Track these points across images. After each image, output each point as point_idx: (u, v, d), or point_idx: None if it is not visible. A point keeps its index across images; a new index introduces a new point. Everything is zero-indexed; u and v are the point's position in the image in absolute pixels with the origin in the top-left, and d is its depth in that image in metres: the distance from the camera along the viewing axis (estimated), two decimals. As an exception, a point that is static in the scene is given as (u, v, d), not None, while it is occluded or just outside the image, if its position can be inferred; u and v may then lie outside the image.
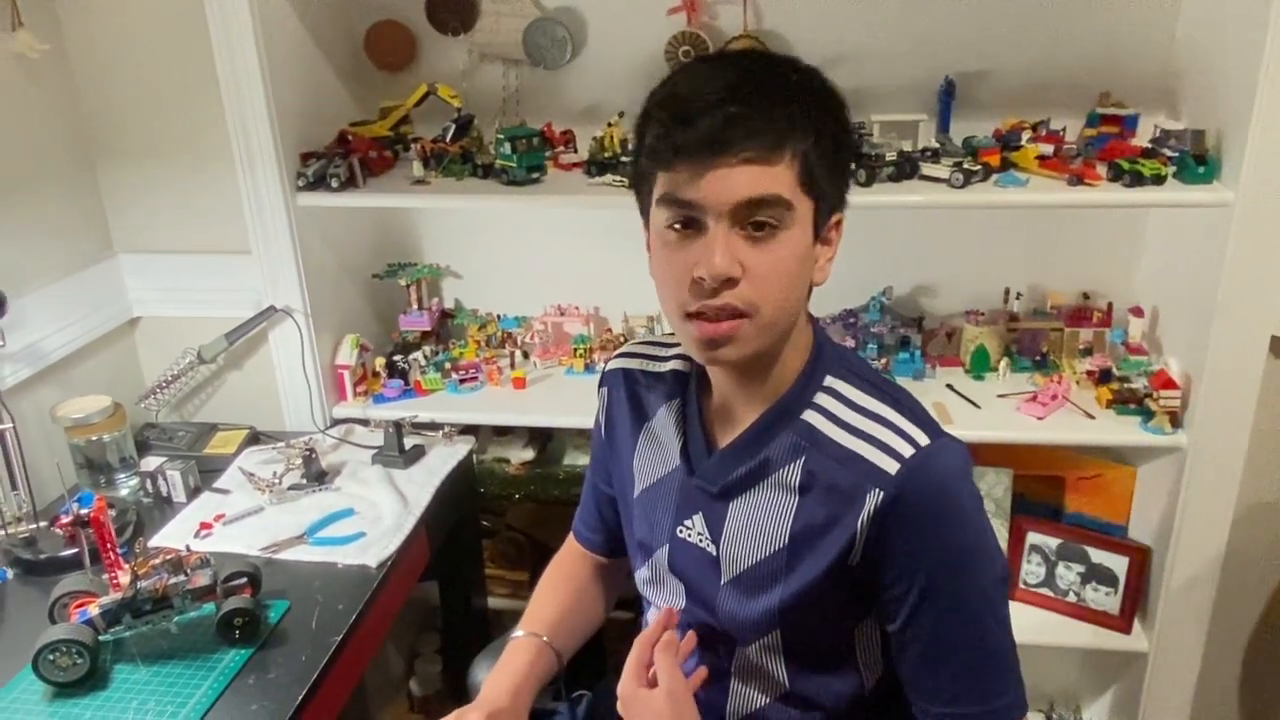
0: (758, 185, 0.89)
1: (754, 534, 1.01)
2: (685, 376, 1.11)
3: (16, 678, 1.25)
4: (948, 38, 1.78)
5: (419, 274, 2.06)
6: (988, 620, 0.97)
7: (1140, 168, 1.56)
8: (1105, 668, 2.03)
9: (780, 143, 0.89)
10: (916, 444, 0.95)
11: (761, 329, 0.93)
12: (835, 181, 0.95)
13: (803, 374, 1.01)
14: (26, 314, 1.62)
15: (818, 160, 0.91)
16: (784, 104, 0.90)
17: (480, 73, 1.95)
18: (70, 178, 1.78)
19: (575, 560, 1.33)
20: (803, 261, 0.94)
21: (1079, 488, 1.92)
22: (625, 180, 1.69)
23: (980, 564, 0.96)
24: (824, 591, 0.98)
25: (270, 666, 1.26)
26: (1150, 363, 1.78)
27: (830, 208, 0.96)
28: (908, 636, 0.98)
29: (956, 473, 0.95)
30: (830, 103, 0.95)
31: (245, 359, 1.93)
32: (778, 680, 1.05)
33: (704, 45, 1.81)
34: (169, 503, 1.66)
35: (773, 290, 0.92)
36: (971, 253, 1.92)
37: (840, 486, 0.96)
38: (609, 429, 1.20)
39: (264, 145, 1.70)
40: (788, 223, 0.91)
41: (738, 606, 1.03)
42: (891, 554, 0.94)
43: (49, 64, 1.69)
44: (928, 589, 0.94)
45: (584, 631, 1.26)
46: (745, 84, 0.90)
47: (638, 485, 1.14)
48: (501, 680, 1.12)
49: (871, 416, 0.98)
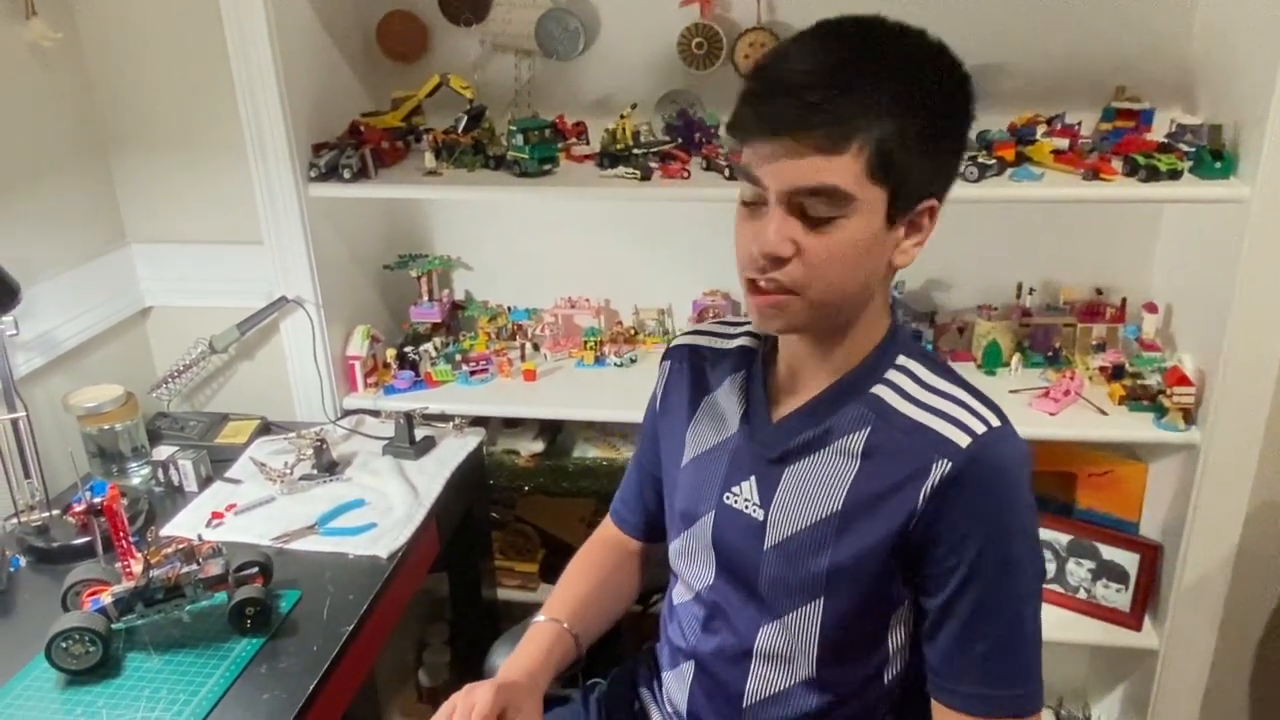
0: (815, 176, 0.89)
1: (807, 499, 1.02)
2: (752, 352, 1.13)
3: (29, 665, 1.25)
4: (962, 30, 1.75)
5: (430, 265, 2.05)
6: (1025, 610, 0.98)
7: (1156, 162, 1.55)
8: (1115, 665, 2.02)
9: (848, 133, 0.88)
10: (988, 423, 0.97)
11: (810, 306, 0.95)
12: (924, 169, 0.93)
13: (875, 351, 1.03)
14: (39, 303, 1.63)
15: (901, 147, 0.90)
16: (865, 89, 0.88)
17: (492, 64, 1.94)
18: (83, 167, 1.79)
19: (604, 548, 1.34)
20: (866, 248, 0.94)
21: (1090, 484, 1.92)
22: (638, 172, 1.69)
23: (1028, 555, 0.98)
24: (876, 561, 0.99)
25: (282, 656, 1.26)
26: (1164, 359, 1.77)
27: (917, 194, 0.95)
28: (948, 613, 0.98)
29: (1020, 460, 0.97)
30: (930, 86, 0.92)
31: (256, 349, 1.93)
32: (804, 662, 1.05)
33: (717, 38, 1.80)
34: (180, 492, 1.66)
35: (824, 273, 0.93)
36: (984, 247, 1.91)
37: (905, 456, 0.97)
38: (663, 401, 1.22)
39: (276, 136, 1.70)
40: (848, 212, 0.91)
41: (785, 570, 1.03)
42: (950, 526, 0.95)
43: (62, 53, 1.70)
44: (977, 565, 0.95)
45: (606, 620, 1.28)
46: (825, 66, 0.89)
47: (688, 454, 1.15)
48: (519, 661, 1.14)
49: (943, 395, 1.00)
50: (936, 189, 0.97)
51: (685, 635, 1.16)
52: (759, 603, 1.07)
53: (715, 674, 1.12)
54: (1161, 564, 1.81)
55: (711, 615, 1.13)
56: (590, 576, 1.29)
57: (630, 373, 1.97)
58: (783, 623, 1.05)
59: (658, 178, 1.70)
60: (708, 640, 1.13)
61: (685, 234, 2.00)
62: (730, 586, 1.09)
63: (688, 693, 1.15)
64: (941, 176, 0.97)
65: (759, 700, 1.08)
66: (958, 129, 0.96)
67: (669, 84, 1.89)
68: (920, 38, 0.94)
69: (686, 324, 2.07)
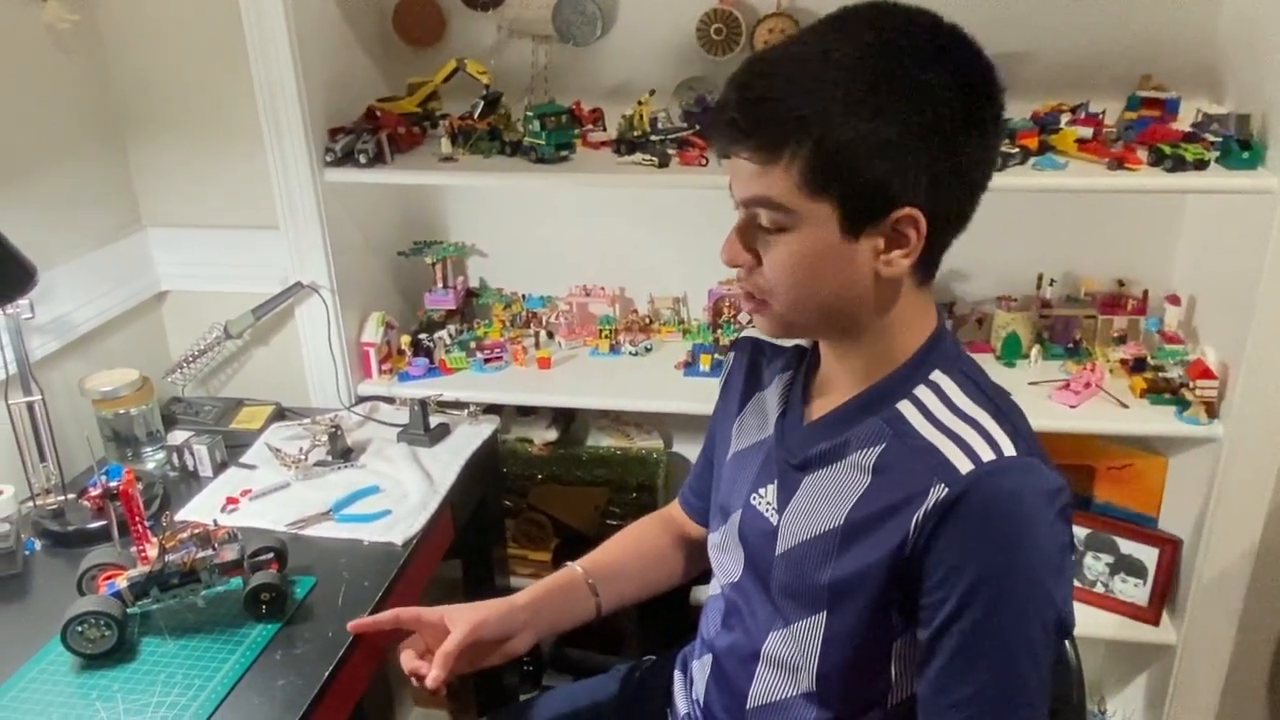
0: (751, 186, 0.91)
1: (816, 510, 1.00)
2: (804, 352, 1.12)
3: (45, 648, 1.25)
4: (985, 17, 1.74)
5: (444, 252, 2.05)
6: (1020, 661, 0.90)
7: (1182, 152, 1.53)
8: (1132, 659, 2.01)
9: (778, 144, 0.87)
10: (1000, 452, 0.90)
11: (779, 315, 0.97)
12: (889, 174, 0.87)
13: (909, 363, 0.99)
14: (55, 286, 1.62)
15: (837, 156, 0.86)
16: (791, 101, 0.85)
17: (509, 49, 1.93)
18: (99, 150, 1.78)
19: (660, 523, 1.36)
20: (819, 261, 0.92)
21: (1109, 477, 1.90)
22: (655, 159, 1.67)
23: (1033, 602, 0.89)
24: (874, 583, 0.94)
25: (297, 642, 1.26)
26: (1186, 352, 1.75)
27: (879, 204, 0.88)
28: (933, 649, 0.92)
29: (1033, 497, 0.89)
30: (906, 86, 0.85)
31: (271, 335, 1.93)
32: (806, 674, 1.02)
33: (736, 24, 1.78)
34: (195, 477, 1.66)
35: (780, 283, 0.94)
36: (1004, 237, 1.88)
37: (909, 478, 0.92)
38: (724, 392, 1.22)
39: (292, 120, 1.69)
40: (793, 224, 0.91)
41: (792, 578, 1.02)
42: (941, 555, 0.90)
43: (79, 35, 1.69)
44: (966, 601, 0.89)
45: (637, 588, 1.29)
46: (763, 75, 0.89)
47: (733, 448, 1.15)
48: (513, 595, 1.19)
49: (964, 418, 0.94)
50: (911, 197, 0.88)
51: (709, 628, 1.16)
52: (771, 607, 1.06)
53: (727, 671, 1.11)
54: (1181, 559, 1.80)
55: (730, 612, 1.12)
56: (632, 543, 1.32)
57: (645, 361, 1.96)
58: (790, 631, 1.03)
59: (675, 165, 1.69)
60: (724, 636, 1.13)
61: (701, 222, 1.98)
62: (752, 586, 1.09)
63: (705, 685, 1.15)
64: (918, 183, 0.88)
65: (761, 705, 1.07)
66: (941, 130, 0.87)
67: (687, 70, 1.87)
68: (926, 29, 0.88)
69: (702, 314, 2.06)
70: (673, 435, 2.16)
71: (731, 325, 1.98)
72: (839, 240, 0.91)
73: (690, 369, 1.89)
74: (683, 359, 1.92)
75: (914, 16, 0.90)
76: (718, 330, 1.99)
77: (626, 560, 1.29)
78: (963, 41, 0.91)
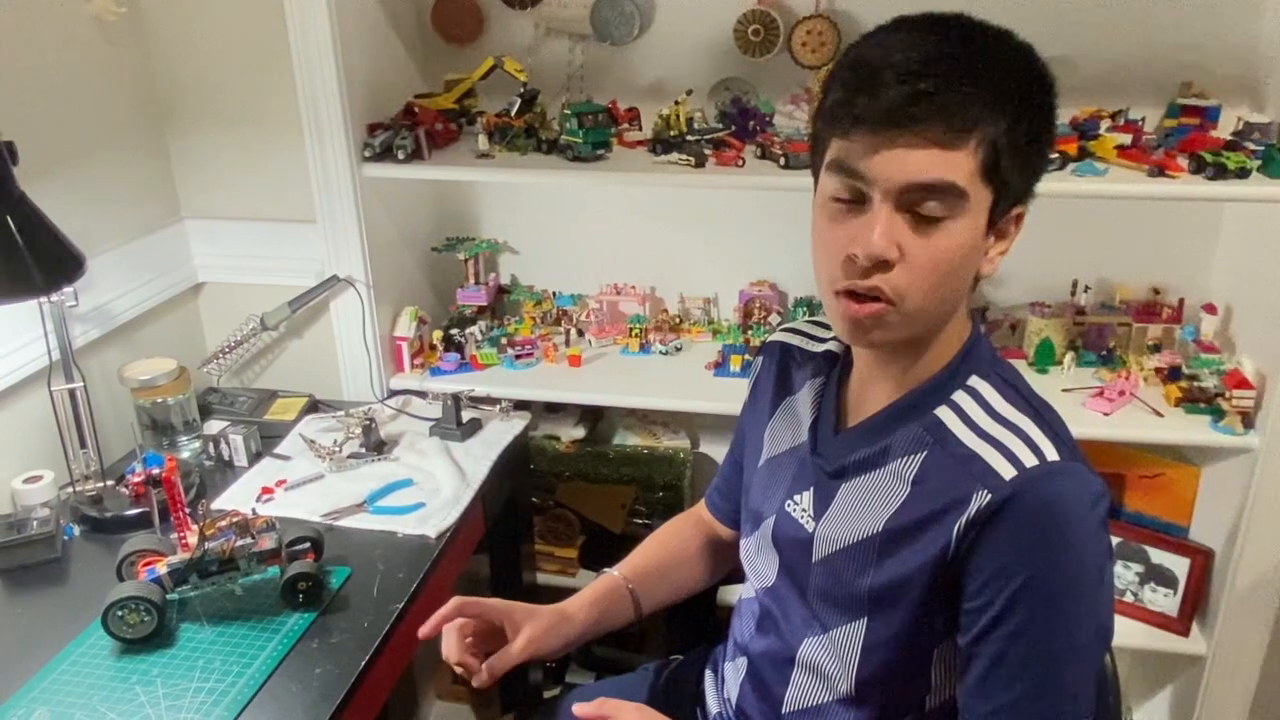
0: (933, 169, 0.84)
1: (854, 518, 0.99)
2: (835, 358, 1.10)
3: (85, 632, 1.27)
4: (1024, 22, 1.73)
5: (477, 249, 2.06)
6: (1064, 669, 0.89)
7: (1224, 160, 1.52)
8: (1160, 670, 1.99)
9: (969, 127, 0.83)
10: (1043, 457, 0.89)
11: (906, 317, 0.90)
12: (1024, 173, 0.89)
13: (947, 368, 0.97)
14: (97, 276, 1.64)
15: (1008, 148, 0.86)
16: (981, 84, 0.84)
17: (546, 47, 1.94)
18: (141, 142, 1.80)
19: (690, 524, 1.36)
20: (968, 254, 0.89)
21: (1140, 486, 1.89)
22: (691, 159, 1.68)
23: (1078, 608, 0.88)
24: (915, 589, 0.94)
25: (333, 631, 1.27)
26: (1222, 361, 1.74)
27: (1013, 200, 0.90)
28: (974, 654, 0.92)
29: (1078, 502, 0.88)
30: (1034, 86, 0.88)
31: (306, 327, 1.95)
32: (844, 679, 1.02)
33: (774, 25, 1.78)
34: (230, 466, 1.68)
35: (926, 280, 0.88)
36: (1039, 243, 1.84)
37: (951, 485, 0.91)
38: (752, 395, 1.21)
39: (332, 115, 1.70)
40: (958, 212, 0.86)
41: (831, 585, 1.01)
42: (984, 562, 0.89)
43: (125, 27, 1.71)
44: (1010, 607, 0.88)
45: (672, 590, 1.30)
46: (942, 57, 0.84)
47: (764, 454, 1.14)
48: (565, 601, 1.19)
49: (1005, 424, 0.93)
50: (1027, 195, 0.92)
51: (743, 631, 1.17)
52: (808, 613, 1.05)
53: (762, 675, 1.11)
54: (1212, 570, 1.79)
55: (765, 616, 1.12)
56: (667, 546, 1.32)
57: (674, 361, 1.96)
58: (829, 637, 1.02)
59: (711, 165, 1.69)
60: (759, 640, 1.13)
61: (733, 223, 1.99)
62: (787, 591, 1.08)
63: (739, 688, 1.15)
64: (1034, 181, 0.92)
65: (797, 710, 1.07)
66: (1050, 133, 0.91)
67: (723, 71, 1.88)
68: (1012, 37, 0.90)
69: (732, 314, 2.06)
70: (700, 436, 2.17)
71: (762, 326, 1.98)
72: (982, 233, 0.89)
73: (720, 369, 1.90)
74: (713, 359, 1.92)
75: (999, 29, 0.91)
76: (748, 331, 1.99)
77: (663, 564, 1.30)
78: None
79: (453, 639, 1.11)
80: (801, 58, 1.79)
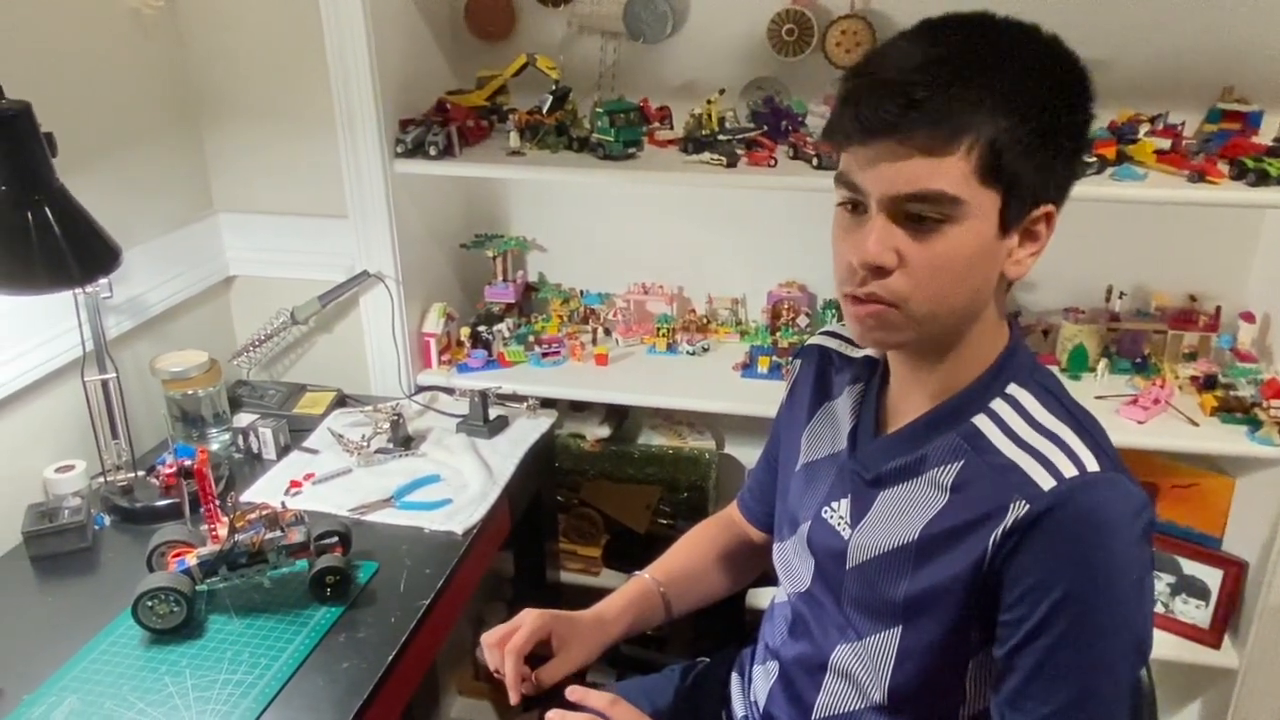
0: (920, 180, 0.84)
1: (890, 526, 0.98)
2: (875, 364, 1.09)
3: (114, 622, 1.28)
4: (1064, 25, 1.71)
5: (506, 246, 2.06)
6: (1102, 682, 0.88)
7: (1266, 166, 1.49)
8: (1189, 682, 1.96)
9: (956, 131, 0.83)
10: (1083, 468, 0.88)
11: (913, 320, 0.90)
12: (1040, 170, 0.87)
13: (984, 376, 0.96)
14: (130, 267, 1.64)
15: (1013, 146, 0.84)
16: (973, 85, 0.83)
17: (578, 45, 1.94)
18: (175, 135, 1.81)
19: (722, 527, 1.35)
20: (974, 257, 0.88)
21: (1172, 495, 1.86)
22: (723, 159, 1.67)
23: (1118, 621, 0.87)
24: (951, 598, 0.93)
25: (360, 626, 1.27)
26: (1260, 371, 1.71)
27: (1031, 199, 0.88)
28: (1010, 666, 0.91)
29: (1118, 514, 0.87)
30: (1048, 81, 0.86)
31: (335, 322, 1.95)
32: (877, 687, 1.01)
33: (808, 24, 1.77)
34: (259, 459, 1.69)
35: (929, 285, 0.87)
36: (1074, 248, 1.84)
37: (988, 495, 0.90)
38: (789, 399, 1.21)
39: (365, 110, 1.71)
40: (957, 217, 0.85)
41: (865, 593, 1.00)
42: (1021, 573, 0.88)
43: (162, 22, 1.72)
44: (1048, 620, 0.87)
45: (703, 593, 1.30)
46: (932, 63, 0.83)
47: (802, 459, 1.13)
48: (599, 604, 1.19)
49: (1045, 433, 0.92)
50: (1054, 193, 0.90)
51: (775, 635, 1.16)
52: (841, 619, 1.04)
53: (793, 680, 1.11)
54: (1245, 582, 1.76)
55: (798, 621, 1.12)
56: (699, 548, 1.32)
57: (702, 361, 1.95)
58: (863, 644, 1.01)
59: (743, 165, 1.68)
60: (791, 646, 1.12)
61: (763, 223, 1.98)
62: (821, 596, 1.08)
63: (768, 692, 1.14)
64: (1059, 179, 0.90)
65: (828, 716, 1.06)
66: (1076, 128, 0.89)
67: (756, 70, 1.87)
68: (1034, 32, 0.89)
69: (760, 315, 2.05)
70: (725, 437, 2.16)
71: (790, 328, 1.96)
72: (993, 236, 0.88)
73: (748, 371, 1.89)
74: (740, 360, 1.91)
75: (1021, 25, 0.89)
76: (776, 333, 1.98)
77: (694, 567, 1.30)
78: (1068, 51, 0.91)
79: (512, 662, 1.10)
80: (835, 58, 1.77)
